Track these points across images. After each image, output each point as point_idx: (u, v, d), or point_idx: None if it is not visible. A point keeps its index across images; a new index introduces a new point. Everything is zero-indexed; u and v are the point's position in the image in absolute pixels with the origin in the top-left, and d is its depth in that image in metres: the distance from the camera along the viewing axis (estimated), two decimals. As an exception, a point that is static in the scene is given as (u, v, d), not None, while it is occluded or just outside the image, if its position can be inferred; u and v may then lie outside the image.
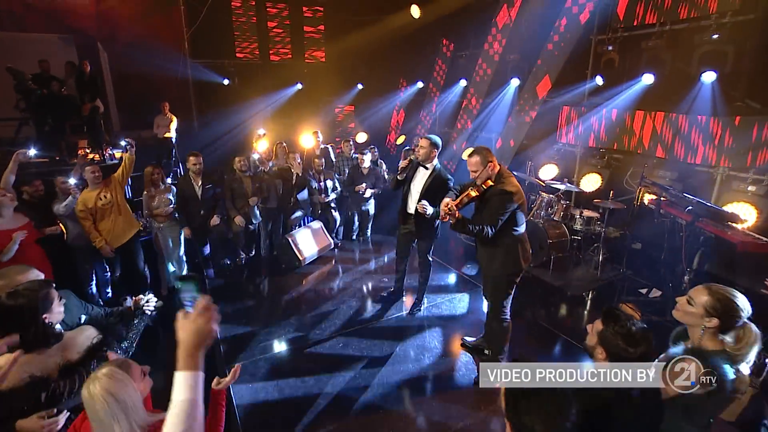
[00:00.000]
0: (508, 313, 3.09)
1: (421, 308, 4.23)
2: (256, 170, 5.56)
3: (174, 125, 7.58)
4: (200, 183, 4.83)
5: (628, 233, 4.81)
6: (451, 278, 5.06)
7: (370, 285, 4.82)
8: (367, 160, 5.91)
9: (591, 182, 5.98)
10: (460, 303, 4.44)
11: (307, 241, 5.29)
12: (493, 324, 3.16)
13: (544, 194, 5.30)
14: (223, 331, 3.86)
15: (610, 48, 5.57)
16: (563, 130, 6.64)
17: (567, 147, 6.64)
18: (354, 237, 6.27)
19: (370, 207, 6.12)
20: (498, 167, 2.88)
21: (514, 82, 7.16)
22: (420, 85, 9.98)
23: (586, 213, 5.06)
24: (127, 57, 7.80)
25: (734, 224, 3.65)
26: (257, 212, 5.53)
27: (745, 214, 4.25)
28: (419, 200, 3.67)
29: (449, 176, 3.75)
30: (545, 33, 6.42)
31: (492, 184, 2.82)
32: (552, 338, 3.86)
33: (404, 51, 10.15)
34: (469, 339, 3.65)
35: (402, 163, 3.86)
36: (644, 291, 4.50)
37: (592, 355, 1.72)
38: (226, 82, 9.32)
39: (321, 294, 4.59)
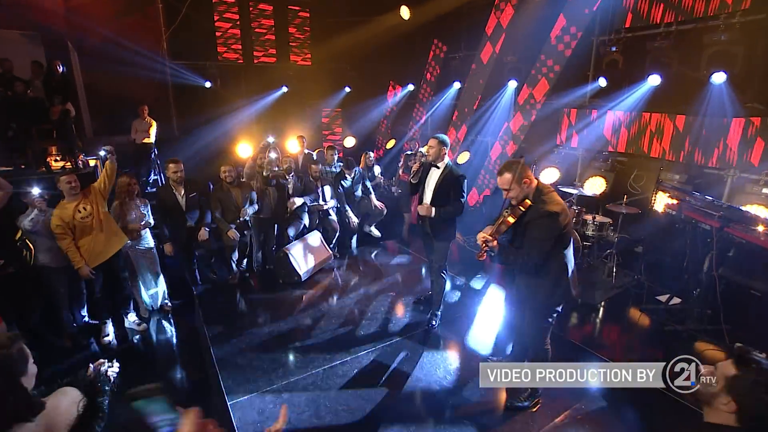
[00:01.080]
0: (549, 340, 2.78)
1: (436, 322, 3.94)
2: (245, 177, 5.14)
3: (154, 130, 7.07)
4: (183, 192, 4.43)
5: (643, 238, 4.66)
6: (465, 291, 4.77)
7: (376, 300, 4.48)
8: (349, 177, 5.59)
9: (595, 186, 5.85)
10: (478, 318, 4.16)
11: (306, 254, 4.91)
12: (532, 353, 2.86)
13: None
14: (220, 359, 3.45)
15: (614, 49, 5.46)
16: (564, 133, 6.51)
17: (568, 150, 6.51)
18: (353, 247, 5.95)
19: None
20: (535, 182, 2.50)
21: (512, 84, 7.00)
22: (411, 87, 9.75)
23: (599, 218, 4.89)
24: (100, 57, 7.24)
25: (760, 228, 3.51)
26: (249, 223, 5.15)
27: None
28: (433, 200, 3.61)
29: (461, 173, 3.59)
30: (544, 34, 6.29)
31: (531, 203, 2.44)
32: (568, 349, 3.62)
33: (394, 53, 9.92)
34: (495, 359, 3.38)
35: (414, 167, 3.69)
36: (663, 299, 4.34)
37: (705, 402, 1.41)
38: (207, 84, 8.86)
39: (326, 312, 4.22)
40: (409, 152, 6.83)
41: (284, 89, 9.96)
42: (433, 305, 3.98)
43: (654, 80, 5.04)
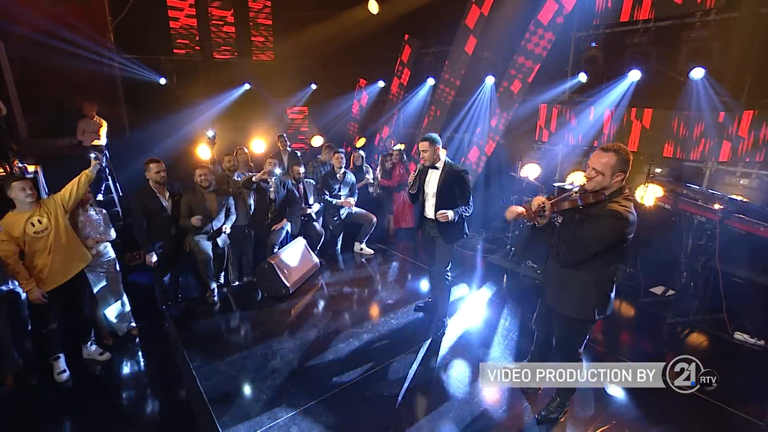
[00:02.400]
0: (581, 351, 2.60)
1: (444, 330, 3.71)
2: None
3: (104, 131, 6.29)
4: (167, 195, 3.95)
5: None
6: (466, 294, 4.57)
7: (374, 309, 4.19)
8: (342, 160, 5.30)
9: (578, 181, 5.89)
10: (488, 323, 3.96)
11: (292, 264, 4.51)
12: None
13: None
14: (209, 391, 3.00)
15: (594, 44, 5.50)
16: (544, 130, 6.52)
17: (548, 146, 6.53)
18: (338, 252, 5.59)
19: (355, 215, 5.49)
20: (624, 184, 2.20)
21: (489, 80, 6.92)
22: (381, 84, 9.49)
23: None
24: (33, 48, 6.35)
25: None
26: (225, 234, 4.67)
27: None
28: (437, 202, 3.44)
29: (463, 167, 3.45)
30: (521, 30, 6.25)
31: (603, 199, 2.16)
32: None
33: (363, 49, 9.60)
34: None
35: (410, 178, 3.50)
36: (658, 291, 4.38)
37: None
38: (162, 81, 8.09)
39: (321, 327, 3.84)
40: (384, 153, 6.57)
41: (246, 86, 9.38)
42: (439, 312, 3.76)
43: (634, 75, 5.12)
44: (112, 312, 3.85)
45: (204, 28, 8.64)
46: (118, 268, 3.84)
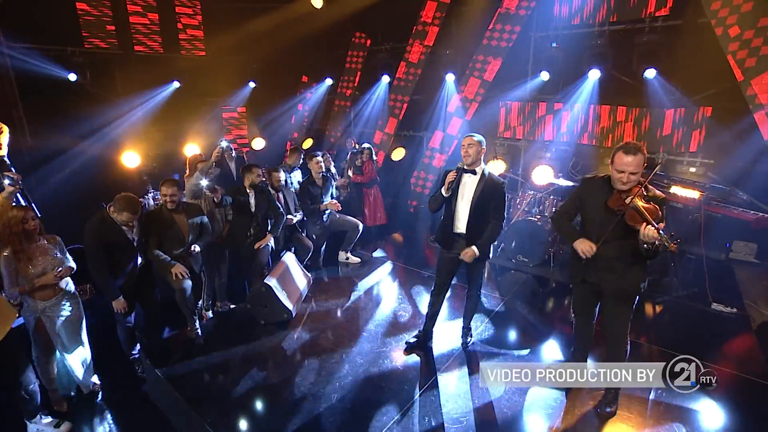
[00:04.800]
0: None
1: (471, 339, 3.57)
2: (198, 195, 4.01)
3: (6, 138, 4.94)
4: (134, 227, 3.21)
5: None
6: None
7: (387, 326, 3.84)
8: (322, 165, 4.90)
9: (544, 174, 6.18)
10: (505, 326, 3.91)
11: (289, 284, 4.00)
12: (620, 351, 2.70)
13: (531, 192, 5.24)
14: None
15: (555, 45, 5.80)
16: (505, 125, 6.74)
17: (511, 141, 6.77)
18: (321, 265, 5.13)
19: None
20: None
21: (450, 78, 6.97)
22: (329, 82, 9.06)
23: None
24: None
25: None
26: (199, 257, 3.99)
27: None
28: (471, 215, 3.14)
29: (504, 180, 3.21)
30: (482, 27, 6.39)
31: (640, 188, 2.40)
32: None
33: (307, 45, 9.07)
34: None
35: (450, 176, 3.11)
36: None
37: None
38: (72, 77, 6.73)
39: (341, 355, 3.38)
40: (354, 150, 6.26)
41: (176, 84, 8.28)
42: (465, 319, 3.57)
43: (594, 74, 5.51)
44: (72, 366, 3.06)
45: (121, 15, 7.38)
46: (81, 308, 3.06)
